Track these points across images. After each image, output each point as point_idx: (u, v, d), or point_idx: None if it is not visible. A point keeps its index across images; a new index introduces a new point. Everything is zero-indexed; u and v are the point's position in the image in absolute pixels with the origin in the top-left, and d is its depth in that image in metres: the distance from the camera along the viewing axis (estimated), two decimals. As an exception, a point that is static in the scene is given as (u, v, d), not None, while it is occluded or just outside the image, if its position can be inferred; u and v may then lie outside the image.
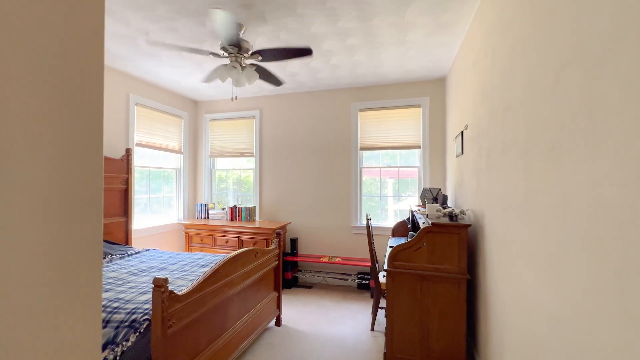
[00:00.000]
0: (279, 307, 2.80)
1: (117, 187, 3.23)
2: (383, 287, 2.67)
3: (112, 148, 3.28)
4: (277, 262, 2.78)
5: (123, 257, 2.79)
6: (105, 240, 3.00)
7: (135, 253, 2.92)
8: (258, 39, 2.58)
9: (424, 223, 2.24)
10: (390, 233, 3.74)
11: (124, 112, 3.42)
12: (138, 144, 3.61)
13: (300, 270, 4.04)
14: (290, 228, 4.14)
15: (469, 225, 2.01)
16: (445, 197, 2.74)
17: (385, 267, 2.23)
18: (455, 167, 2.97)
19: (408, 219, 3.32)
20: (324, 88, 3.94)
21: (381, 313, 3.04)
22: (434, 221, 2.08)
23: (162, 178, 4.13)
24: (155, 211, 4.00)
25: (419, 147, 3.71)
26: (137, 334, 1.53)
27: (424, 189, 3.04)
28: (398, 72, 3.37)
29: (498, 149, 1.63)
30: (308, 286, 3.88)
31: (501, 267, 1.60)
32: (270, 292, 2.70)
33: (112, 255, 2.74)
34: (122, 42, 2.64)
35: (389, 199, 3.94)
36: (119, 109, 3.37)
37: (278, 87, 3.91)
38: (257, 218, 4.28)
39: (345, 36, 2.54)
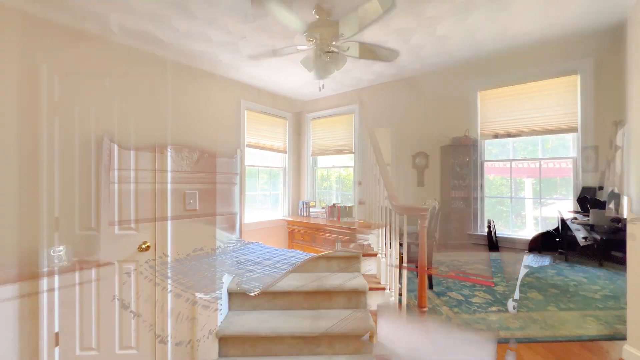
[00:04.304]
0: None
1: (231, 184, 3.60)
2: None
3: (226, 149, 3.68)
4: (370, 269, 2.45)
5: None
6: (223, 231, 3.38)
7: (242, 246, 3.15)
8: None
9: (585, 238, 1.48)
10: (526, 247, 2.83)
11: (236, 117, 3.80)
12: (248, 145, 3.95)
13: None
14: (392, 231, 3.70)
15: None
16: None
17: (516, 295, 1.59)
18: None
19: (556, 229, 2.39)
20: (430, 69, 3.33)
21: None
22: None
23: (269, 176, 4.42)
24: (264, 207, 4.31)
25: (575, 131, 2.64)
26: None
27: (585, 189, 2.10)
28: (536, 29, 2.47)
29: None
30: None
31: None
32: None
33: (223, 245, 3.04)
34: (228, 49, 2.87)
35: (527, 202, 2.98)
36: (232, 114, 3.76)
37: (376, 77, 3.56)
38: (355, 218, 4.04)
39: (454, -9, 1.98)
